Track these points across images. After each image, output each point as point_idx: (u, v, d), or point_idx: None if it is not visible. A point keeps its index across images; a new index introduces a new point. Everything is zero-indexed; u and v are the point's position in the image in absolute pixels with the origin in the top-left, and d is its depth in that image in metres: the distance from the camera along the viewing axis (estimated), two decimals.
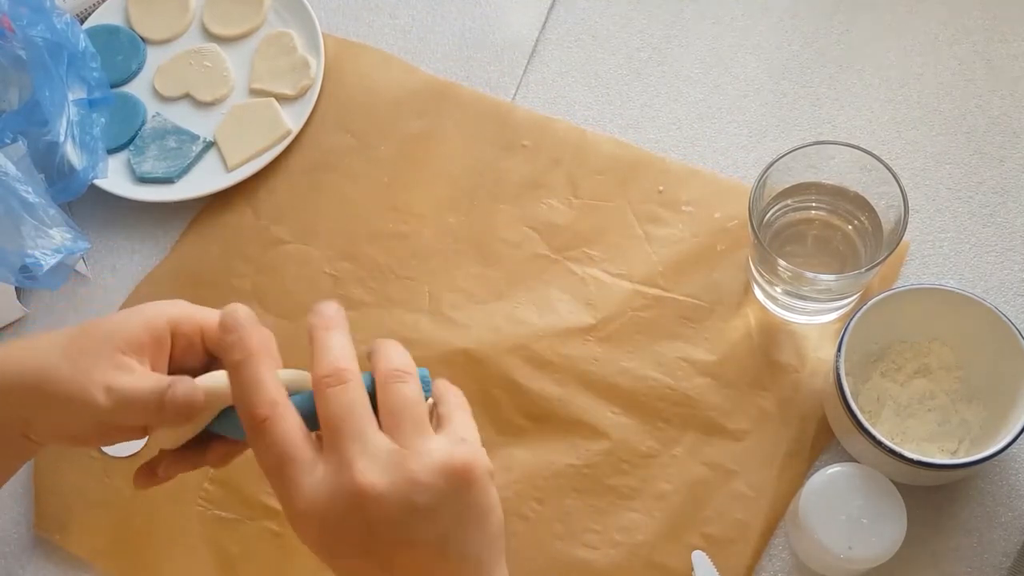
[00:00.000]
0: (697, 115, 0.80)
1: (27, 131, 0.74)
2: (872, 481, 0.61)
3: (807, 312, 0.70)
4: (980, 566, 0.64)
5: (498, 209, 0.77)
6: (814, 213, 0.69)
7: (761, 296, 0.71)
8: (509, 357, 0.71)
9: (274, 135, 0.81)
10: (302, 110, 0.82)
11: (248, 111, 0.82)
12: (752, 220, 0.64)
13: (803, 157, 0.65)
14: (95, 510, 0.71)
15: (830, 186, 0.67)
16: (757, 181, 0.64)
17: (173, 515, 0.70)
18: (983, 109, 0.78)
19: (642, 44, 0.83)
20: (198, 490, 0.70)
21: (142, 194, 0.80)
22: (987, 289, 0.72)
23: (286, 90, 0.83)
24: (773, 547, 0.66)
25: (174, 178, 0.80)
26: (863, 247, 0.67)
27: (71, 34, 0.78)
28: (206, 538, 0.69)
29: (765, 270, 0.67)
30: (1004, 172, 0.75)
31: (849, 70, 0.80)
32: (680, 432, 0.69)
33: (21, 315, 0.78)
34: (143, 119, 0.83)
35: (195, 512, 0.70)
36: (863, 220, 0.67)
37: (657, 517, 0.67)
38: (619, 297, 0.73)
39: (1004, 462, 0.66)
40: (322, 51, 0.83)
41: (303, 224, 0.79)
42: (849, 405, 0.61)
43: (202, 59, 0.85)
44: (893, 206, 0.64)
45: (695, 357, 0.71)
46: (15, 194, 0.69)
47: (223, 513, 0.70)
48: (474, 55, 0.84)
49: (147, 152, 0.82)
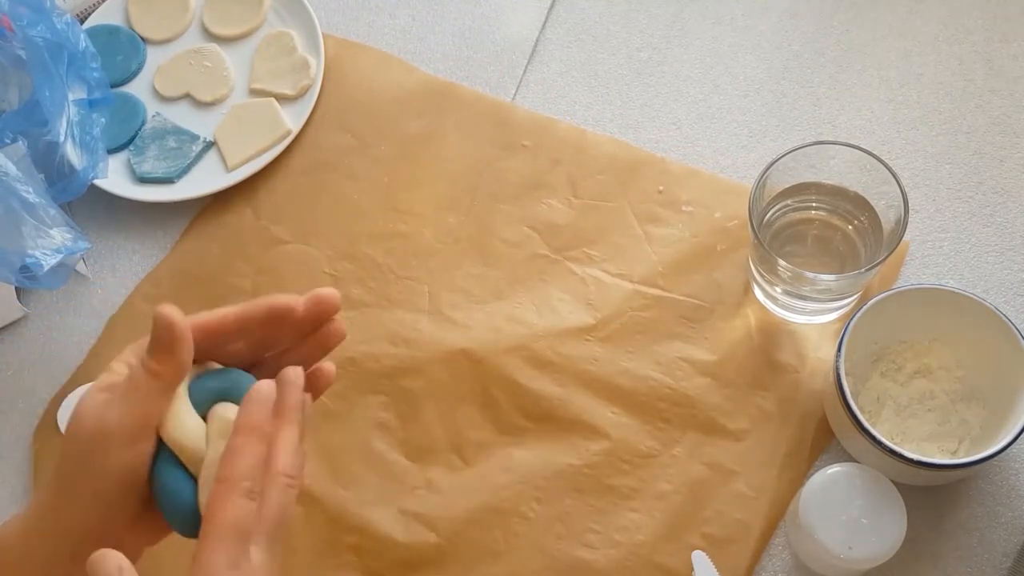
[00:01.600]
0: (697, 115, 0.80)
1: (27, 131, 0.74)
2: (872, 481, 0.61)
3: (807, 312, 0.70)
4: (980, 566, 0.64)
5: (498, 209, 0.77)
6: (814, 213, 0.69)
7: (761, 296, 0.71)
8: (509, 357, 0.71)
9: (274, 135, 0.81)
10: (302, 110, 0.82)
11: (248, 111, 0.82)
12: (752, 220, 0.64)
13: (803, 157, 0.65)
14: None
15: (830, 186, 0.67)
16: (757, 181, 0.64)
17: None
18: (983, 109, 0.78)
19: (642, 44, 0.83)
20: None
21: (142, 194, 0.80)
22: (987, 289, 0.72)
23: (286, 90, 0.83)
24: (773, 547, 0.66)
25: (174, 178, 0.80)
26: (863, 247, 0.67)
27: (71, 34, 0.77)
28: None
29: (765, 270, 0.67)
30: (1004, 172, 0.75)
31: (849, 70, 0.80)
32: (680, 432, 0.69)
33: (21, 315, 0.78)
34: (143, 119, 0.83)
35: None
36: (863, 220, 0.67)
37: (657, 517, 0.67)
38: (619, 297, 0.73)
39: (1004, 462, 0.66)
40: (322, 51, 0.83)
41: (303, 224, 0.79)
42: (849, 405, 0.61)
43: (202, 59, 0.85)
44: (893, 206, 0.64)
45: (695, 357, 0.71)
46: (15, 194, 0.69)
47: None
48: (474, 55, 0.84)
49: (147, 152, 0.82)
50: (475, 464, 0.69)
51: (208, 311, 0.48)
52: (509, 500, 0.68)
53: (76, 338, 0.77)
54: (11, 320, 0.78)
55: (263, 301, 0.49)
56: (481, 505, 0.68)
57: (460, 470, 0.69)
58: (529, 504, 0.68)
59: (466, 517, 0.68)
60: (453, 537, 0.67)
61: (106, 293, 0.79)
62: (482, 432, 0.70)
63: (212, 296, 0.77)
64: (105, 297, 0.79)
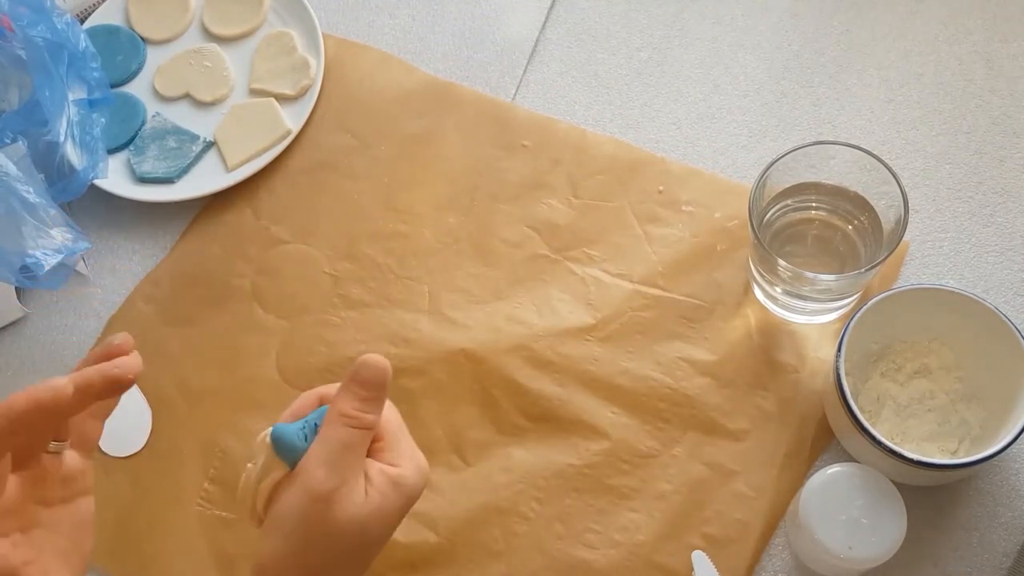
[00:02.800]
0: (697, 115, 0.80)
1: (27, 131, 0.74)
2: (872, 481, 0.61)
3: (807, 312, 0.70)
4: (980, 566, 0.64)
5: (498, 209, 0.77)
6: (814, 213, 0.69)
7: (761, 296, 0.71)
8: (509, 357, 0.71)
9: (274, 135, 0.81)
10: (302, 110, 0.82)
11: (248, 111, 0.82)
12: (752, 220, 0.64)
13: (803, 157, 0.65)
14: (95, 510, 0.71)
15: (830, 186, 0.67)
16: (757, 181, 0.64)
17: (173, 515, 0.70)
18: (983, 109, 0.78)
19: (642, 44, 0.83)
20: (198, 490, 0.71)
21: (142, 194, 0.80)
22: (987, 289, 0.72)
23: (286, 90, 0.83)
24: (773, 547, 0.66)
25: (174, 178, 0.80)
26: (863, 247, 0.67)
27: (71, 34, 0.78)
28: (206, 538, 0.69)
29: (765, 270, 0.67)
30: (1004, 172, 0.75)
31: (849, 70, 0.80)
32: (680, 432, 0.69)
33: (21, 315, 0.78)
34: (143, 119, 0.83)
35: (195, 512, 0.70)
36: (863, 220, 0.67)
37: (657, 517, 0.67)
38: (619, 297, 0.73)
39: (1004, 462, 0.66)
40: (322, 51, 0.83)
41: (303, 224, 0.79)
42: (849, 405, 0.61)
43: (202, 59, 0.85)
44: (893, 206, 0.64)
45: (695, 357, 0.71)
46: (16, 194, 0.69)
47: (223, 513, 0.70)
48: (474, 55, 0.84)
49: (147, 152, 0.82)
50: (475, 464, 0.69)
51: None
52: (509, 500, 0.68)
53: (76, 338, 0.77)
54: (11, 320, 0.78)
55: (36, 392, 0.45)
56: (481, 505, 0.68)
57: (460, 470, 0.69)
58: (529, 504, 0.68)
59: (466, 517, 0.68)
60: (453, 537, 0.67)
61: (106, 293, 0.79)
62: (482, 432, 0.70)
63: (212, 296, 0.77)
64: (105, 297, 0.79)
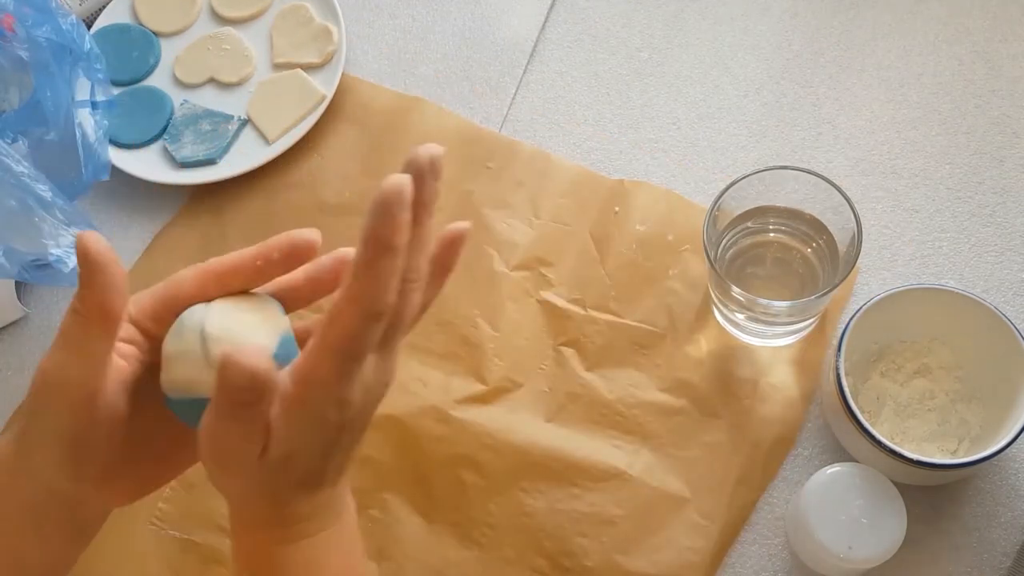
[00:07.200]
0: (697, 115, 0.80)
1: (28, 131, 0.74)
2: (872, 481, 0.61)
3: (766, 336, 0.69)
4: (980, 566, 0.64)
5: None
6: (772, 236, 0.68)
7: (721, 319, 0.71)
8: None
9: (309, 103, 0.81)
10: (332, 76, 0.82)
11: (277, 85, 0.83)
12: (707, 249, 0.63)
13: (758, 182, 0.65)
14: None
15: (787, 209, 0.67)
16: (709, 212, 0.64)
17: (126, 534, 0.69)
18: (983, 109, 0.78)
19: (642, 44, 0.83)
20: (152, 510, 0.69)
21: (187, 178, 0.80)
22: (987, 289, 0.72)
23: (312, 59, 0.83)
24: (773, 547, 0.66)
25: (216, 158, 0.80)
26: (821, 270, 0.67)
27: (76, 35, 0.77)
28: (160, 558, 0.68)
29: (721, 294, 0.67)
30: (1004, 172, 0.75)
31: (849, 70, 0.80)
32: (632, 458, 0.68)
33: (21, 315, 0.78)
34: (171, 109, 0.83)
35: (149, 532, 0.69)
36: (820, 243, 0.67)
37: (606, 543, 0.66)
38: (572, 323, 0.72)
39: (1004, 462, 0.66)
40: (340, 17, 0.84)
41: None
42: (849, 405, 0.61)
43: (220, 43, 0.86)
44: (846, 228, 0.63)
45: (647, 384, 0.70)
46: (32, 192, 0.69)
47: (177, 533, 0.69)
48: (474, 55, 0.84)
49: (183, 138, 0.82)
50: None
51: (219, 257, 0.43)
52: (461, 525, 0.67)
53: None
54: (11, 320, 0.78)
55: (283, 236, 0.43)
56: (435, 526, 0.68)
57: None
58: (481, 529, 0.67)
59: (418, 536, 0.67)
60: (404, 562, 0.67)
61: None
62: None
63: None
64: None
